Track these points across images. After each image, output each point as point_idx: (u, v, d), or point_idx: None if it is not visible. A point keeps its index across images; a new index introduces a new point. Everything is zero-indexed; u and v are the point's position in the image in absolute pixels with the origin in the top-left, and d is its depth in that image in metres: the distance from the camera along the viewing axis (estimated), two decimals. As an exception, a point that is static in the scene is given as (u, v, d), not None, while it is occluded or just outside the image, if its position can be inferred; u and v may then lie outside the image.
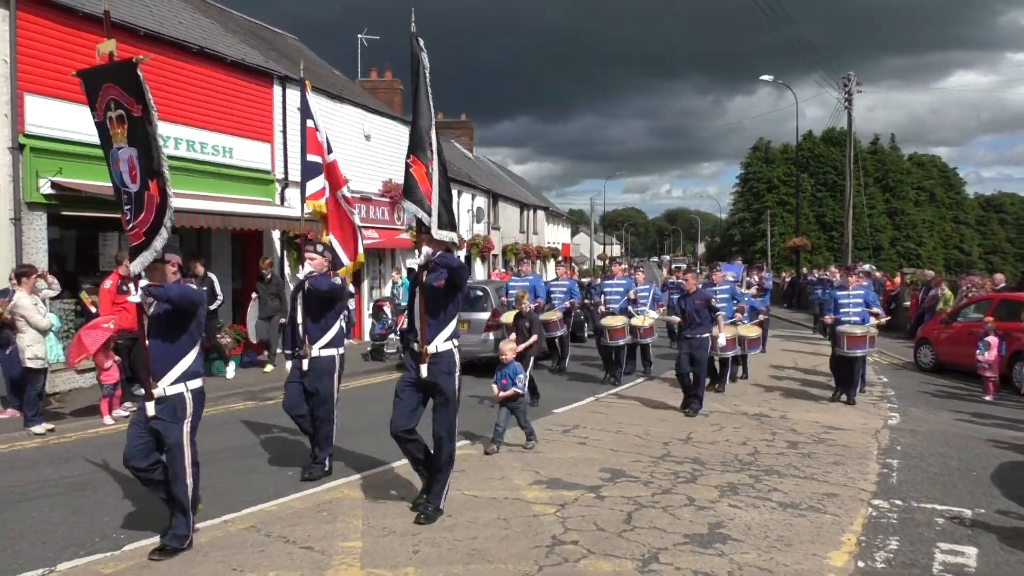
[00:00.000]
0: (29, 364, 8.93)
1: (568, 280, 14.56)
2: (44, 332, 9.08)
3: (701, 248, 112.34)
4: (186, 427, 5.15)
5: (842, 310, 11.34)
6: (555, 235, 53.20)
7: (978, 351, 12.29)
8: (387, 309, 16.45)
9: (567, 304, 13.86)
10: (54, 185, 11.15)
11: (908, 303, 21.76)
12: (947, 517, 6.13)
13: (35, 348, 8.96)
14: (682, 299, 10.67)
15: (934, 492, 6.85)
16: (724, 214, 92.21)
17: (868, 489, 6.88)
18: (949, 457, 8.20)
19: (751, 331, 13.27)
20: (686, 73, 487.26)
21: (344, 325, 7.41)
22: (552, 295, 13.98)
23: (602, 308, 13.07)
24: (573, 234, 71.84)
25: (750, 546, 5.39)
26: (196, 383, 5.22)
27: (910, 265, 51.07)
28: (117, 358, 9.64)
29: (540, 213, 46.54)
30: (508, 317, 11.38)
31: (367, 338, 17.39)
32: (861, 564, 5.12)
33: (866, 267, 20.76)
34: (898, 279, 24.76)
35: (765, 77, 34.87)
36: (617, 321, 12.57)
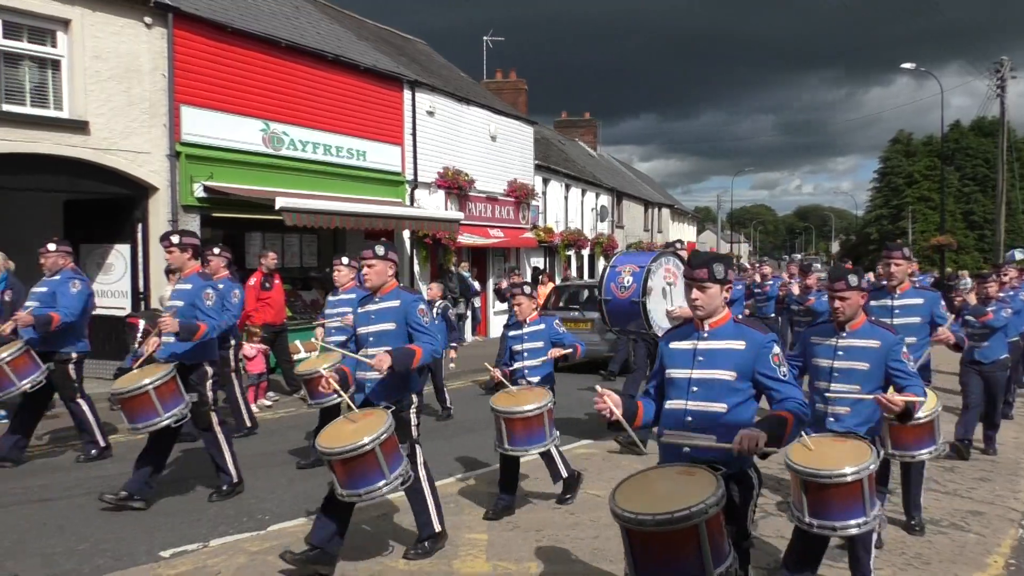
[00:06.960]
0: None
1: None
2: None
3: (835, 247, 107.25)
4: None
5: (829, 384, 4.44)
6: (680, 233, 52.13)
7: None
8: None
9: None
10: (206, 189, 12.05)
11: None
12: (1110, 542, 5.66)
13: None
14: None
15: (1095, 514, 6.33)
16: (860, 211, 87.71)
17: (1019, 509, 6.43)
18: (1114, 477, 7.54)
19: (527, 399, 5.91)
20: (817, 66, 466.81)
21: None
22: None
23: (316, 341, 7.70)
24: (699, 232, 70.28)
25: (884, 562, 5.17)
26: None
27: (1072, 265, 46.86)
28: (263, 346, 10.31)
29: (665, 211, 45.87)
30: None
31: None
32: (1009, 587, 4.82)
33: (1019, 255, 18.83)
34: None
35: (907, 65, 33.01)
36: (320, 364, 6.47)
